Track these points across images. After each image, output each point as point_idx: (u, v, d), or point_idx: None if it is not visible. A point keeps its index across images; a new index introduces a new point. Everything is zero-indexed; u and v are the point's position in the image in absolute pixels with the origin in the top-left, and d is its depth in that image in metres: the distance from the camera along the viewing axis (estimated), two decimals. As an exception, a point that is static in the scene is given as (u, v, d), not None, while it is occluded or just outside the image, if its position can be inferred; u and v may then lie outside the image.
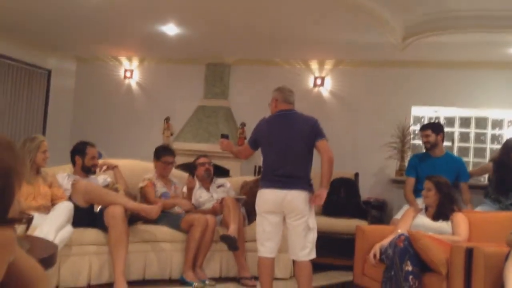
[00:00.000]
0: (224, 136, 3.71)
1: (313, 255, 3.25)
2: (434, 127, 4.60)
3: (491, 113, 6.11)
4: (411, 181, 4.55)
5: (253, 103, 6.47)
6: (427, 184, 3.59)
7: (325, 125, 6.46)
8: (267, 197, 3.23)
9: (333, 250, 4.72)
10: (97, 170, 3.98)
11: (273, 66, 6.57)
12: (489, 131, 6.10)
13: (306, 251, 3.20)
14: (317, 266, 4.61)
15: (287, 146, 3.24)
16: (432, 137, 4.52)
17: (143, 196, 4.04)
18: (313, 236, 3.24)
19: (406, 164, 5.65)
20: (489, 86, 5.85)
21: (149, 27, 5.55)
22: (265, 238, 3.26)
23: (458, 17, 4.80)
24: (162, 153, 4.23)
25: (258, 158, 6.43)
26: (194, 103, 6.73)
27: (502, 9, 4.53)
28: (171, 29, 5.56)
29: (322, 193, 3.17)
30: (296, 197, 3.15)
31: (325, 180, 3.19)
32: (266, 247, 3.25)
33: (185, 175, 4.26)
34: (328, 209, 5.23)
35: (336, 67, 6.44)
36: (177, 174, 4.51)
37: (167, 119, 6.59)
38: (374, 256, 3.34)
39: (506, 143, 4.60)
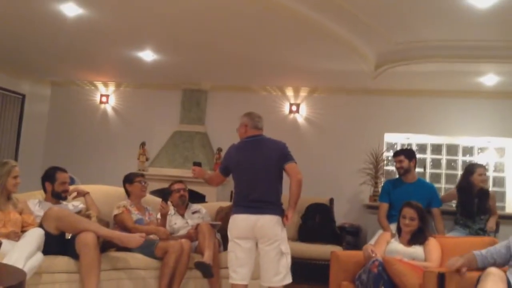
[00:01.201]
0: (197, 164, 3.72)
1: (287, 281, 3.22)
2: (407, 153, 4.70)
3: (462, 140, 6.28)
4: (384, 206, 4.63)
5: (229, 129, 6.40)
6: (410, 213, 3.56)
7: (300, 151, 6.55)
8: (239, 222, 3.24)
9: (308, 276, 4.71)
10: (68, 196, 3.91)
11: (249, 92, 6.64)
12: (460, 158, 6.27)
13: (280, 276, 3.18)
14: (292, 293, 4.61)
15: (257, 171, 3.27)
16: (405, 163, 4.61)
17: (119, 223, 3.97)
18: (286, 261, 3.22)
19: (379, 189, 5.74)
20: (460, 114, 6.04)
21: (126, 52, 5.57)
22: (237, 265, 3.25)
23: (429, 47, 4.98)
24: (133, 176, 4.21)
25: (233, 183, 6.45)
26: (170, 128, 6.73)
27: (472, 39, 4.72)
28: (148, 55, 5.59)
29: (289, 213, 3.21)
30: (267, 222, 3.16)
31: (292, 201, 3.22)
32: (238, 273, 3.24)
33: (160, 201, 4.22)
34: (303, 234, 5.25)
35: (311, 94, 6.56)
36: (151, 200, 4.46)
37: (142, 144, 6.55)
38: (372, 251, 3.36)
39: (465, 168, 4.75)
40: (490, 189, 6.14)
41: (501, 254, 2.97)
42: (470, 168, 4.64)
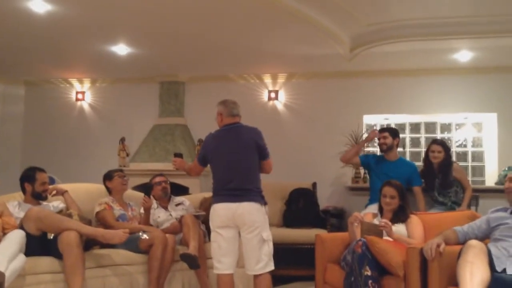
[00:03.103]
0: (177, 155, 3.72)
1: (270, 268, 3.23)
2: (391, 131, 4.80)
3: (440, 118, 6.36)
4: (357, 158, 4.86)
5: (209, 120, 6.33)
6: (390, 192, 3.60)
7: (281, 138, 6.62)
8: (219, 212, 3.24)
9: (294, 261, 4.76)
10: (48, 195, 3.86)
11: (227, 81, 6.61)
12: (439, 135, 6.34)
13: (261, 264, 3.19)
14: (278, 278, 4.64)
15: (235, 159, 3.27)
16: (389, 140, 4.69)
17: (101, 220, 3.94)
18: (268, 248, 3.22)
19: (361, 171, 5.81)
20: (436, 91, 6.10)
21: (99, 47, 5.49)
22: (221, 254, 3.25)
23: (402, 26, 5.00)
24: (113, 172, 4.20)
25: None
26: (149, 122, 6.68)
27: (444, 16, 4.76)
28: (121, 49, 5.52)
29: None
30: (247, 209, 3.17)
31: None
32: (223, 263, 3.24)
33: (142, 195, 4.19)
34: (288, 220, 5.28)
35: (289, 80, 6.56)
36: (134, 195, 4.43)
37: (122, 140, 6.49)
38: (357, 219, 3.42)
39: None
40: (469, 164, 6.27)
41: (482, 229, 3.03)
42: (428, 146, 4.74)
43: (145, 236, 3.70)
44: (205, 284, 3.85)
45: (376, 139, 4.96)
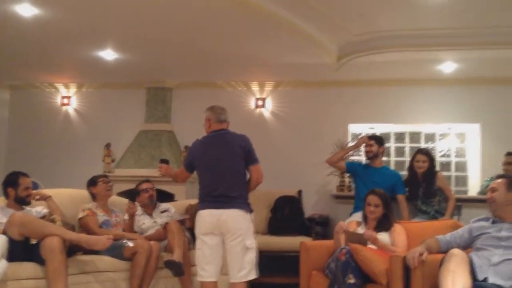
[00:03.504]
0: (164, 161, 3.70)
1: (252, 276, 3.20)
2: (377, 139, 4.85)
3: (424, 128, 6.44)
4: (343, 163, 4.88)
5: (196, 126, 6.34)
6: (374, 201, 3.64)
7: (267, 145, 6.64)
8: (204, 218, 3.23)
9: (279, 268, 4.76)
10: (32, 200, 3.82)
11: (215, 88, 6.62)
12: (423, 145, 6.41)
13: (244, 272, 3.16)
14: (263, 286, 4.64)
15: (221, 166, 3.26)
16: (375, 147, 4.74)
17: (84, 226, 3.91)
18: (251, 256, 3.19)
19: (346, 180, 5.84)
20: (421, 102, 6.18)
21: (86, 52, 5.47)
22: (205, 262, 3.24)
23: (387, 37, 5.08)
24: (97, 177, 4.17)
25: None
26: (135, 128, 6.65)
27: (430, 27, 4.84)
28: (109, 54, 5.51)
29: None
30: (231, 216, 3.16)
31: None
32: (206, 271, 3.23)
33: (127, 201, 4.17)
34: (273, 227, 5.29)
35: (276, 88, 6.60)
36: (118, 201, 4.41)
37: (107, 145, 6.45)
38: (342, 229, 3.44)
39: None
40: (453, 173, 6.35)
41: (464, 239, 3.06)
42: (413, 155, 4.79)
43: (129, 243, 3.67)
44: (189, 291, 3.83)
45: (362, 147, 5.01)
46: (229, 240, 3.18)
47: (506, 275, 2.68)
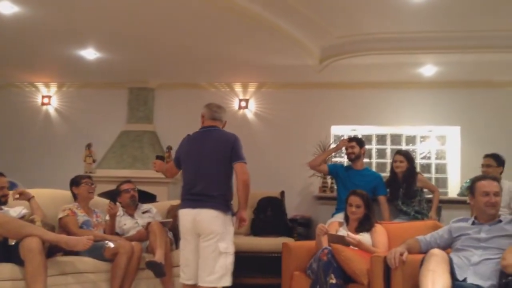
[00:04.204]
0: (159, 157, 3.68)
1: (224, 283, 3.02)
2: (358, 141, 4.90)
3: (405, 130, 6.51)
4: (324, 166, 4.91)
5: (179, 127, 6.37)
6: (356, 201, 3.68)
7: (250, 146, 6.58)
8: (182, 217, 3.16)
9: (262, 269, 4.76)
10: (12, 198, 3.76)
11: (198, 89, 6.60)
12: (404, 147, 6.48)
13: (214, 276, 2.99)
14: (245, 287, 4.64)
15: (203, 163, 3.17)
16: (357, 149, 4.80)
17: (63, 227, 3.86)
18: (225, 261, 3.02)
19: (328, 181, 5.88)
20: (402, 104, 6.26)
21: (67, 51, 5.41)
22: (184, 264, 3.16)
23: (369, 40, 5.13)
24: (80, 178, 4.12)
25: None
26: (117, 128, 6.59)
27: (410, 31, 4.91)
28: (90, 54, 5.45)
29: (240, 214, 3.14)
30: (205, 216, 3.04)
31: (241, 202, 3.14)
32: (185, 273, 3.16)
33: (108, 202, 4.13)
34: (256, 228, 5.29)
35: (259, 90, 6.61)
36: (100, 202, 4.36)
37: (88, 146, 6.37)
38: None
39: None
40: (433, 175, 6.44)
41: (444, 239, 3.11)
42: (393, 156, 4.87)
43: (110, 244, 3.64)
44: (170, 293, 3.81)
45: (343, 149, 5.05)
46: (203, 241, 3.04)
47: (485, 275, 2.73)
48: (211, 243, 3.01)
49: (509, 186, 4.48)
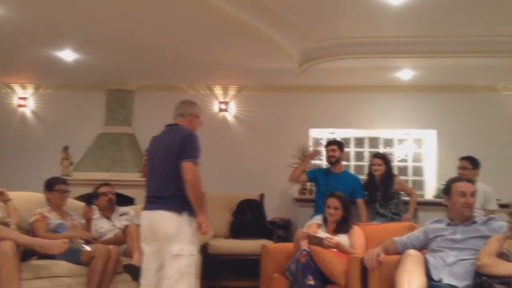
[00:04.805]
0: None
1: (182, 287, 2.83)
2: (339, 144, 4.95)
3: (382, 133, 6.59)
4: (303, 176, 4.92)
5: (158, 129, 6.31)
6: (334, 203, 3.72)
7: (230, 149, 6.65)
8: (141, 220, 3.04)
9: (241, 271, 4.76)
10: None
11: (178, 91, 6.57)
12: (381, 150, 6.55)
13: (169, 281, 2.82)
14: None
15: (154, 164, 3.05)
16: (337, 153, 4.84)
17: (33, 232, 3.78)
18: (179, 264, 2.82)
19: (307, 184, 5.91)
20: (380, 108, 6.33)
21: (44, 52, 5.33)
22: (145, 269, 2.99)
23: (349, 44, 5.18)
24: (55, 183, 4.03)
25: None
26: (95, 130, 6.52)
27: (388, 35, 4.96)
28: (68, 55, 5.38)
29: (197, 220, 2.88)
30: (158, 218, 2.89)
31: (193, 205, 2.87)
32: (145, 279, 2.99)
33: (83, 205, 4.07)
34: (235, 231, 5.29)
35: (239, 93, 6.61)
36: (75, 205, 4.30)
37: (65, 148, 6.29)
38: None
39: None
40: (410, 178, 6.53)
41: (419, 240, 3.15)
42: (370, 159, 4.94)
43: (87, 248, 3.59)
44: (148, 296, 3.76)
45: (324, 152, 5.08)
46: (160, 245, 2.89)
47: (461, 276, 2.77)
48: (165, 246, 2.86)
49: (484, 188, 4.58)
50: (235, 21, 4.46)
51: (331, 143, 4.99)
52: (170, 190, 2.91)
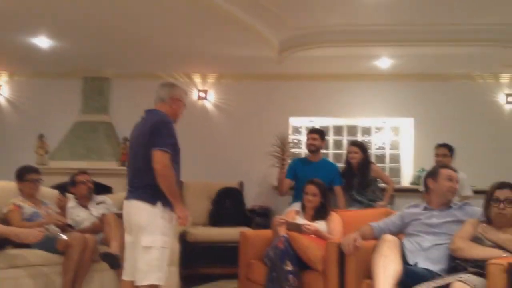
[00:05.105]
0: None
1: (150, 280, 2.72)
2: (321, 133, 4.96)
3: (361, 122, 6.64)
4: (287, 182, 4.93)
5: (136, 117, 6.22)
6: (312, 190, 3.75)
7: (210, 137, 6.62)
8: (123, 210, 2.96)
9: (220, 259, 4.77)
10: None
11: (156, 79, 6.43)
12: (360, 138, 6.61)
13: (140, 274, 2.73)
14: (203, 277, 4.64)
15: (130, 152, 2.95)
16: (318, 142, 4.87)
17: (7, 222, 3.72)
18: (148, 257, 2.72)
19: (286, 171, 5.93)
20: (358, 96, 6.37)
21: (18, 39, 5.20)
22: (126, 257, 2.94)
23: (327, 32, 5.17)
24: (26, 172, 3.96)
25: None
26: (71, 118, 6.41)
27: (367, 23, 4.97)
28: (42, 42, 5.26)
29: (177, 212, 2.78)
30: (131, 208, 2.82)
31: (168, 197, 2.75)
32: (124, 268, 2.95)
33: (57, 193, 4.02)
34: (214, 219, 5.29)
35: (218, 81, 6.57)
36: (50, 194, 4.23)
37: (41, 137, 6.18)
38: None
39: None
40: (387, 165, 6.61)
41: (396, 225, 3.20)
42: (347, 147, 4.99)
43: (63, 236, 3.55)
44: (126, 284, 3.74)
45: (305, 140, 5.08)
46: (134, 236, 2.82)
47: (436, 259, 2.83)
48: (137, 237, 2.76)
49: (459, 175, 4.65)
50: (214, 8, 4.41)
51: (313, 131, 5.00)
52: (144, 180, 2.78)
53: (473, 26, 4.94)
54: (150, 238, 2.72)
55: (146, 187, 2.77)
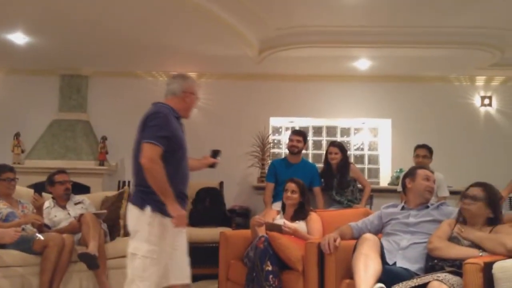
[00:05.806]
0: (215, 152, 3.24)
1: None
2: (304, 136, 4.97)
3: (340, 122, 6.70)
4: (270, 186, 4.86)
5: (114, 116, 6.27)
6: (292, 187, 3.77)
7: (189, 137, 6.51)
8: None
9: (200, 260, 4.71)
10: None
11: (135, 78, 6.45)
12: (339, 139, 6.67)
13: (127, 280, 2.56)
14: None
15: (133, 149, 2.67)
16: (301, 144, 4.89)
17: (-18, 222, 3.65)
18: (133, 266, 2.53)
19: (266, 171, 5.94)
20: (337, 97, 6.42)
21: (-7, 35, 5.09)
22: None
23: (306, 33, 5.21)
24: (1, 171, 3.89)
25: (121, 173, 6.24)
26: (48, 117, 6.30)
27: (346, 25, 5.02)
28: (19, 38, 5.16)
29: (170, 212, 2.50)
30: (127, 212, 2.67)
31: (160, 196, 2.49)
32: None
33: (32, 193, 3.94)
34: (194, 219, 5.26)
35: (198, 80, 6.53)
36: (26, 193, 4.16)
37: (17, 135, 6.06)
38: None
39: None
40: (366, 166, 6.68)
41: (374, 225, 3.23)
42: (327, 148, 5.04)
43: (40, 236, 3.49)
44: (104, 285, 3.70)
45: (286, 141, 5.09)
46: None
47: (413, 259, 2.86)
48: (130, 243, 2.60)
49: (436, 175, 4.73)
50: (194, 6, 4.39)
51: (297, 133, 5.00)
52: (136, 180, 2.60)
53: (448, 29, 5.03)
54: (133, 244, 2.55)
55: (136, 189, 2.61)
